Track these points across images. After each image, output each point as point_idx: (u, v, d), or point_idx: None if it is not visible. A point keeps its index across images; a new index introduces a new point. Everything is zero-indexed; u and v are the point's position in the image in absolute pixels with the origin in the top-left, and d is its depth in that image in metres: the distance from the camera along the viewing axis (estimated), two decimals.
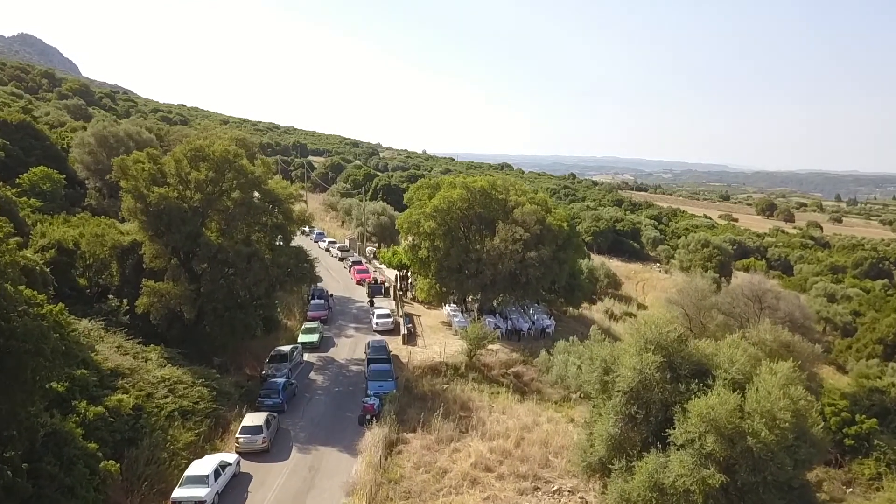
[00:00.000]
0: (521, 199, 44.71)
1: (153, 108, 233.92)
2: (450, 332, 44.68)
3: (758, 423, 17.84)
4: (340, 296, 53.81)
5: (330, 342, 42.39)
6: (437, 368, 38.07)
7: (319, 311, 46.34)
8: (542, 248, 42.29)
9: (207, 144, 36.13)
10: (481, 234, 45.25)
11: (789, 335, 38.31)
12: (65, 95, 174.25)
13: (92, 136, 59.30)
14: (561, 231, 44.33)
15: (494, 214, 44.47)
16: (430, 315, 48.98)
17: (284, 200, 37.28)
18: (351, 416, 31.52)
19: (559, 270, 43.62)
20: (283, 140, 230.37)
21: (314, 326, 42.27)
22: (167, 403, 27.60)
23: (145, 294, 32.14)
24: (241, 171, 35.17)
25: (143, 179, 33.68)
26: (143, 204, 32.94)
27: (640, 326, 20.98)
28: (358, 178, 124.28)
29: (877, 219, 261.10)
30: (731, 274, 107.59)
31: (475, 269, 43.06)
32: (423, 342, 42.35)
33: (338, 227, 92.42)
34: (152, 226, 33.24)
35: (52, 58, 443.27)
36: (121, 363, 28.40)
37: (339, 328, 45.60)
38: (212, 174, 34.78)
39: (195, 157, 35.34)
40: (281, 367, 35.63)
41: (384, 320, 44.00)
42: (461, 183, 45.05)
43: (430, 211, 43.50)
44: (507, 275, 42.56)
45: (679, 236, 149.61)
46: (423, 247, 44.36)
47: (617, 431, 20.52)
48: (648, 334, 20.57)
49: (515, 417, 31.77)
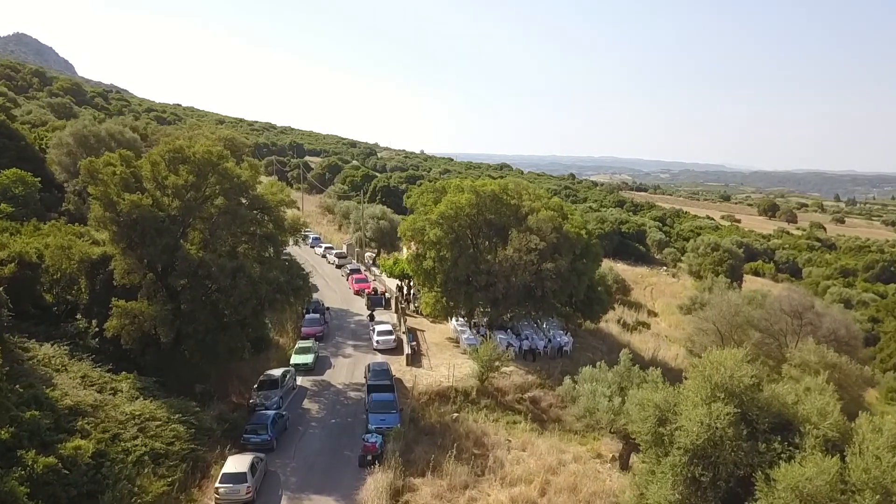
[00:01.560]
0: (535, 204, 40.86)
1: (147, 107, 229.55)
2: (457, 350, 40.82)
3: (869, 500, 14.04)
4: (338, 308, 49.87)
5: (326, 363, 38.45)
6: (445, 394, 34.22)
7: (315, 326, 42.39)
8: (560, 259, 38.47)
9: (188, 145, 32.20)
10: (492, 242, 41.42)
11: (836, 356, 34.62)
12: (56, 94, 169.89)
13: (70, 135, 55.29)
14: (579, 239, 40.52)
15: (506, 221, 40.64)
16: (434, 330, 45.09)
17: (275, 207, 33.39)
18: (349, 454, 27.63)
19: (577, 283, 39.80)
20: (279, 140, 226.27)
21: (308, 346, 38.29)
22: (136, 447, 23.63)
23: (115, 315, 28.24)
24: (225, 175, 31.25)
25: (115, 185, 29.74)
26: (113, 212, 29.02)
27: (704, 367, 17.11)
28: (356, 179, 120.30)
29: (878, 219, 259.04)
30: (742, 278, 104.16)
31: (486, 282, 39.21)
32: (429, 362, 38.45)
33: (335, 230, 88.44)
34: (124, 237, 29.31)
35: (48, 57, 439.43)
36: (82, 399, 24.42)
37: (336, 346, 41.65)
38: (192, 178, 30.87)
39: (174, 159, 31.42)
40: (271, 395, 31.73)
41: (386, 338, 40.08)
42: (469, 187, 41.17)
43: (436, 218, 39.63)
44: (521, 288, 38.73)
45: (685, 238, 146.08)
46: (428, 257, 40.49)
47: (677, 498, 16.67)
48: (716, 377, 16.72)
49: (537, 456, 27.90)
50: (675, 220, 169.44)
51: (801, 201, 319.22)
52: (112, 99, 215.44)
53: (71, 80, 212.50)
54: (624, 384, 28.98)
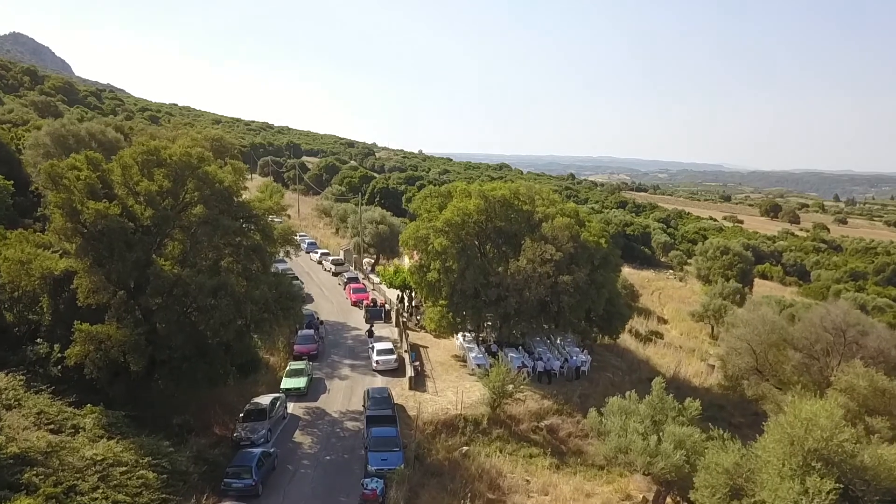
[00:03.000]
0: (549, 210, 37.36)
1: (142, 106, 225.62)
2: (465, 371, 37.28)
3: None
4: (334, 321, 46.29)
5: (320, 386, 34.82)
6: (453, 424, 30.69)
7: (308, 344, 38.79)
8: (577, 270, 34.97)
9: (164, 146, 28.63)
10: (501, 252, 37.94)
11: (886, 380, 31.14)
12: (47, 93, 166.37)
13: (47, 135, 51.66)
14: (598, 249, 37.05)
15: (518, 229, 37.15)
16: (439, 346, 41.55)
17: (263, 215, 29.83)
18: (346, 501, 24.09)
19: (596, 296, 36.32)
20: (276, 140, 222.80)
21: (301, 367, 34.67)
22: (95, 500, 20.13)
23: (78, 340, 24.66)
24: (205, 180, 27.65)
25: (79, 191, 26.16)
26: (76, 223, 25.45)
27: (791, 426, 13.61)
28: (354, 180, 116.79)
29: (879, 219, 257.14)
30: (753, 283, 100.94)
31: (496, 296, 35.70)
32: (434, 385, 34.89)
33: (332, 234, 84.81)
34: (89, 251, 25.73)
35: (44, 57, 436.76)
36: (33, 444, 20.81)
37: (331, 366, 38.04)
38: (168, 184, 27.32)
39: (147, 161, 27.84)
40: (257, 427, 28.14)
41: (386, 357, 36.50)
42: (478, 191, 37.62)
43: (441, 225, 36.11)
44: (535, 303, 35.24)
45: (690, 240, 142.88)
46: (432, 268, 36.97)
47: None
48: (810, 442, 13.23)
49: (561, 502, 24.43)
50: (679, 221, 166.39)
51: (800, 201, 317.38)
52: (105, 98, 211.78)
53: (63, 78, 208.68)
54: (658, 417, 25.56)
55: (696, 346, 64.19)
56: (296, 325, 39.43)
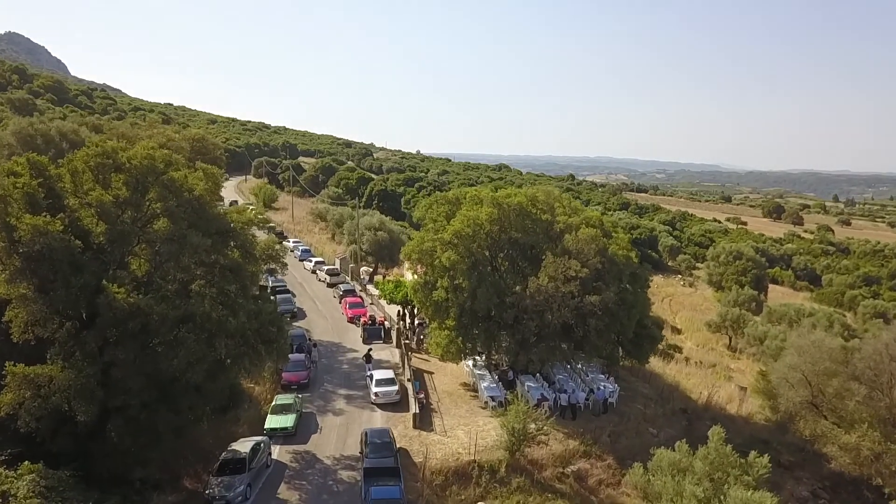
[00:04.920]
0: (572, 219, 32.89)
1: (135, 106, 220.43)
2: (476, 402, 32.79)
3: None
4: (328, 341, 41.72)
5: (311, 424, 30.17)
6: (465, 472, 26.18)
7: (298, 371, 34.18)
8: (606, 289, 30.52)
9: (122, 147, 24.05)
10: (517, 268, 33.51)
11: None
12: (36, 92, 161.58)
13: (13, 135, 47.00)
14: (628, 263, 32.66)
15: (536, 241, 32.71)
16: (445, 371, 37.06)
17: (241, 229, 25.30)
18: None
19: (627, 318, 31.92)
20: (272, 140, 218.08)
21: (289, 402, 30.02)
22: None
23: (11, 385, 20.14)
24: (171, 188, 23.11)
25: (18, 201, 21.61)
26: (9, 241, 20.89)
27: None
28: (351, 181, 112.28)
29: (882, 220, 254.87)
30: (767, 289, 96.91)
31: (513, 318, 31.24)
32: (442, 422, 30.34)
33: (328, 239, 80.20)
34: (27, 275, 21.18)
35: (40, 56, 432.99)
36: None
37: (324, 397, 33.45)
38: (126, 193, 22.78)
39: (102, 166, 23.29)
40: (234, 482, 23.53)
41: (387, 389, 31.94)
42: (490, 198, 33.12)
43: (450, 237, 31.64)
44: (558, 326, 30.80)
45: (696, 244, 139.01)
46: (439, 285, 32.50)
47: None
48: None
49: None
50: (683, 223, 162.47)
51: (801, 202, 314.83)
52: (97, 97, 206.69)
53: (52, 77, 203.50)
54: (717, 475, 21.15)
55: (717, 360, 60.09)
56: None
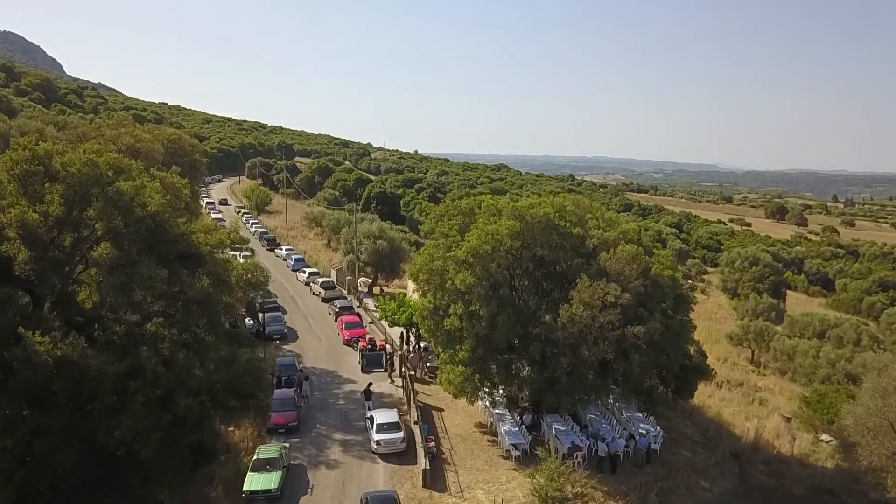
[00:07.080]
0: (608, 234, 27.92)
1: (128, 105, 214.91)
2: (494, 449, 27.76)
3: None
4: (322, 369, 36.69)
5: (300, 481, 25.04)
6: None
7: (287, 410, 29.01)
8: (649, 317, 25.60)
9: (58, 150, 18.99)
10: (543, 290, 28.57)
11: None
12: (23, 91, 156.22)
13: None
14: (674, 285, 27.75)
15: (565, 258, 27.75)
16: (456, 408, 32.04)
17: (211, 253, 20.29)
18: None
19: (674, 350, 27.01)
20: (267, 140, 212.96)
21: (274, 455, 24.84)
22: None
23: None
24: (117, 203, 18.06)
25: None
26: None
27: None
28: (348, 183, 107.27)
29: (884, 221, 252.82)
30: (785, 296, 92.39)
31: (541, 353, 26.28)
32: (457, 478, 25.26)
33: (323, 246, 75.07)
34: None
35: (35, 56, 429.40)
36: None
37: (316, 443, 28.28)
38: (60, 210, 17.75)
39: (31, 175, 18.25)
40: None
41: (391, 437, 26.85)
42: (511, 209, 28.07)
43: (465, 255, 26.64)
44: (595, 362, 25.86)
45: (704, 247, 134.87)
46: (451, 312, 27.53)
47: None
48: None
49: None
50: (689, 225, 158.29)
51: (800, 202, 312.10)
52: (87, 96, 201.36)
53: (41, 75, 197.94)
54: None
55: (742, 378, 55.49)
56: (272, 376, 29.75)
